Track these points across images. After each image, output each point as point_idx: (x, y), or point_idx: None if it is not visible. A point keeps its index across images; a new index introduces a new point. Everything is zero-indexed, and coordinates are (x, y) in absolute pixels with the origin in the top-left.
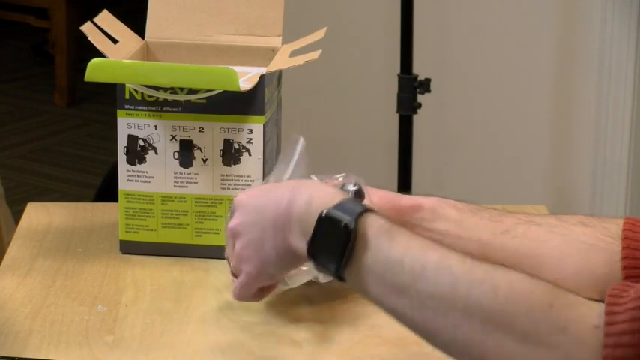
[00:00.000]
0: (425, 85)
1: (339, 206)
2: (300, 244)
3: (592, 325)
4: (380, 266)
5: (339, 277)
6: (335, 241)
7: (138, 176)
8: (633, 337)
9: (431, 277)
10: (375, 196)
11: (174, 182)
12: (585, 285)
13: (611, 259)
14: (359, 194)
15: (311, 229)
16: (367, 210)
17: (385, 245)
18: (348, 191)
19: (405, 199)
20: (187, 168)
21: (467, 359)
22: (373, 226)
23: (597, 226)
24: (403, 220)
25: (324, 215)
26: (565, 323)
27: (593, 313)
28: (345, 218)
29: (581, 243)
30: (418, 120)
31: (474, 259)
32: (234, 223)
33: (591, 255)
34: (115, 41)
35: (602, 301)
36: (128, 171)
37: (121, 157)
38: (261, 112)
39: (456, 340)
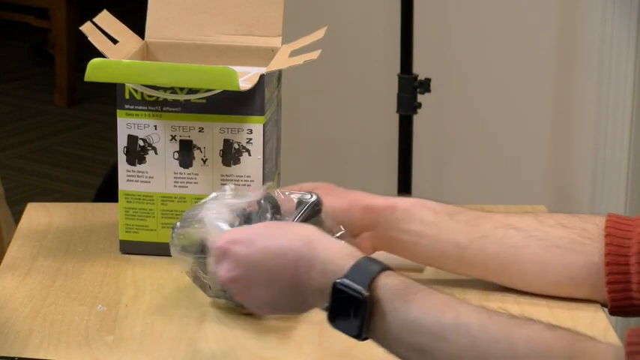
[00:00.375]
0: (425, 85)
1: (351, 273)
2: (322, 306)
3: None
4: (399, 329)
5: (363, 340)
6: (352, 311)
7: (138, 176)
8: None
9: (450, 337)
10: (348, 197)
11: (174, 182)
12: (566, 291)
13: (589, 261)
14: (317, 204)
15: (328, 298)
16: (381, 270)
17: (401, 308)
18: (307, 202)
19: (379, 200)
20: (187, 168)
21: None
22: (387, 289)
23: (576, 227)
24: (377, 221)
25: (338, 287)
26: None
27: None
28: (359, 288)
29: (558, 248)
30: (418, 120)
31: (490, 313)
32: (231, 275)
33: (569, 261)
34: (114, 41)
35: (592, 301)
36: (128, 171)
37: (121, 157)
38: (261, 112)
39: None
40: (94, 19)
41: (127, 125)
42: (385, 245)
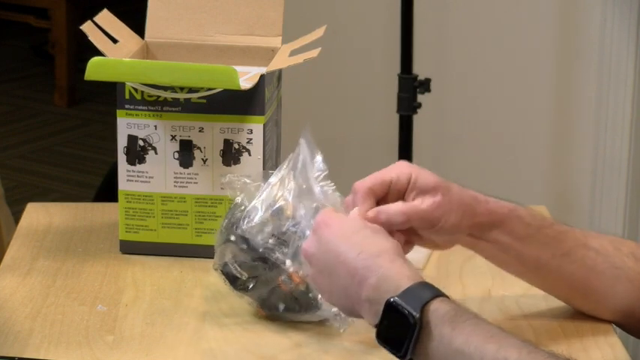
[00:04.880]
0: (425, 85)
1: (406, 294)
2: (369, 319)
3: None
4: (443, 355)
5: None
6: (401, 330)
7: (138, 176)
8: None
9: None
10: (459, 191)
11: (175, 182)
12: (616, 319)
13: None
14: None
15: (379, 313)
16: (435, 296)
17: (447, 335)
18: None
19: (481, 208)
20: (187, 168)
21: None
22: (437, 314)
23: None
24: (474, 225)
25: (391, 303)
26: None
27: None
28: (411, 309)
29: (629, 282)
30: (418, 120)
31: (530, 350)
32: (308, 247)
33: (634, 296)
34: (115, 41)
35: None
36: (128, 171)
37: (121, 157)
38: (262, 112)
39: None
40: (95, 19)
41: (127, 125)
42: (467, 245)
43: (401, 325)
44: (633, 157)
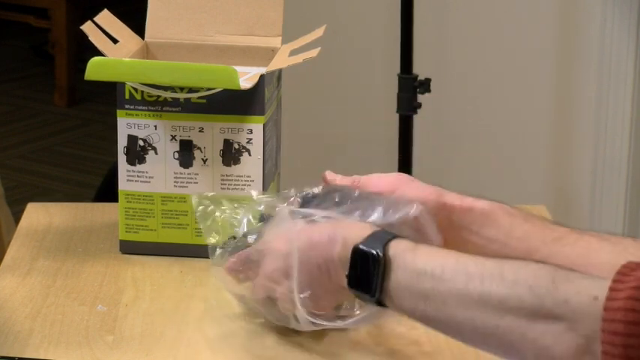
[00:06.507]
0: (425, 85)
1: (368, 239)
2: (343, 277)
3: (591, 296)
4: (407, 279)
5: (378, 302)
6: (368, 269)
7: (138, 176)
8: (627, 315)
9: (449, 277)
10: (425, 191)
11: (174, 182)
12: None
13: None
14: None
15: (348, 264)
16: (395, 237)
17: (410, 259)
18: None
19: (455, 199)
20: (187, 168)
21: (490, 347)
22: (398, 247)
23: None
24: (451, 220)
25: (356, 248)
26: (566, 296)
27: (593, 286)
28: (374, 247)
29: (632, 255)
30: (418, 120)
31: (487, 257)
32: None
33: None
34: (115, 41)
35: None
36: (128, 171)
37: (121, 157)
38: (262, 112)
39: (476, 330)
40: (95, 19)
41: (127, 125)
42: (452, 244)
43: (368, 266)
44: (633, 157)
